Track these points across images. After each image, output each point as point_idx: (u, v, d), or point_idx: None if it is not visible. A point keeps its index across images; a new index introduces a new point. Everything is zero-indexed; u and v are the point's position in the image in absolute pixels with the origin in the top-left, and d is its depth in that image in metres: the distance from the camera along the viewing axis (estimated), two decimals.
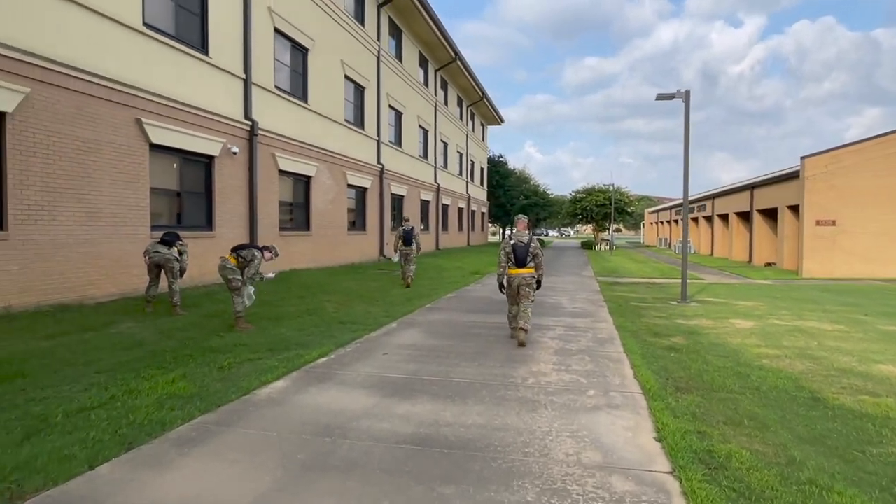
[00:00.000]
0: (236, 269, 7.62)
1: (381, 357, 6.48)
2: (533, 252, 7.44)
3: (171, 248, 8.42)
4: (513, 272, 7.46)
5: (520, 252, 7.40)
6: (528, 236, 7.51)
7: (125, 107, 9.18)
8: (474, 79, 33.54)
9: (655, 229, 55.99)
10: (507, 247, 7.50)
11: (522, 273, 7.40)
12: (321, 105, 16.23)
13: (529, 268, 7.42)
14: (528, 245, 7.42)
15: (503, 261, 7.54)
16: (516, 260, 7.42)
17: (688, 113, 11.65)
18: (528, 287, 7.37)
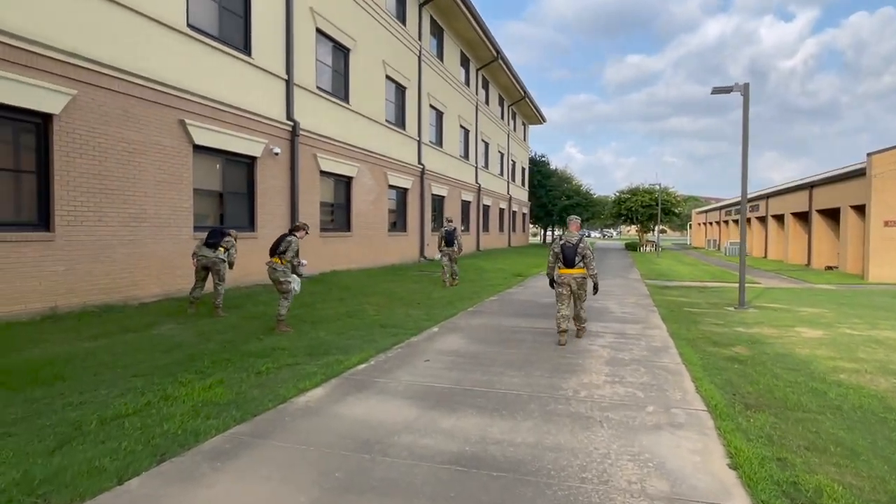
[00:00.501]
0: (286, 269, 7.58)
1: (422, 364, 6.20)
2: (581, 252, 7.41)
3: (216, 251, 8.37)
4: (562, 272, 7.50)
5: (568, 252, 7.42)
6: (577, 237, 7.53)
7: (169, 108, 9.21)
8: (516, 77, 33.06)
9: (704, 230, 54.14)
10: (556, 247, 7.54)
11: (572, 273, 7.42)
12: (362, 105, 16.14)
13: (579, 268, 7.42)
14: (576, 246, 7.42)
15: (552, 260, 7.66)
16: (564, 260, 7.45)
17: (747, 106, 10.97)
18: (581, 289, 7.49)
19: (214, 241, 8.43)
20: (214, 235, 8.51)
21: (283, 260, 7.55)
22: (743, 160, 11.08)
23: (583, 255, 7.39)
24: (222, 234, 8.61)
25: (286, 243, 7.59)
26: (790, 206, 26.71)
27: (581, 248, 7.40)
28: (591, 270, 7.43)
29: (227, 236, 8.59)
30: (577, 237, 7.53)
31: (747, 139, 11.00)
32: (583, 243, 7.46)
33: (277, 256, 7.56)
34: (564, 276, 7.45)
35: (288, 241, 7.61)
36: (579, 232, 7.68)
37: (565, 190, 47.35)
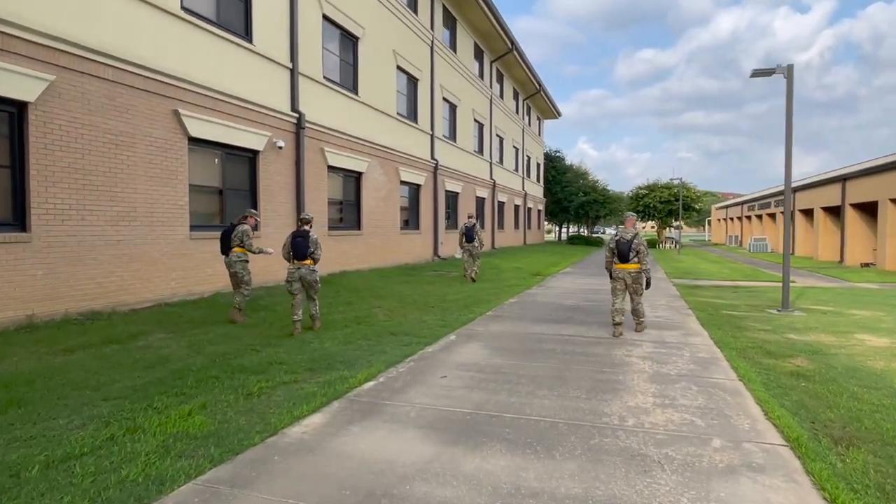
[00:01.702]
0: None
1: (438, 381, 5.40)
2: (636, 248, 7.59)
3: (229, 254, 7.82)
4: (618, 266, 7.74)
5: (622, 248, 7.63)
6: (632, 233, 7.68)
7: (161, 97, 8.49)
8: (531, 70, 32.12)
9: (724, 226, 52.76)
10: (612, 242, 7.80)
11: (627, 268, 7.65)
12: (372, 97, 15.36)
13: (633, 263, 7.62)
14: (630, 241, 7.60)
15: (608, 255, 7.92)
16: (619, 255, 7.68)
17: (791, 90, 10.01)
18: (636, 283, 7.65)
19: (226, 243, 7.90)
20: (225, 239, 7.92)
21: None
22: (787, 147, 10.13)
23: (637, 250, 7.57)
24: (233, 228, 7.93)
25: (238, 231, 7.79)
26: (820, 201, 25.50)
27: (635, 244, 7.58)
28: (644, 265, 7.60)
29: (238, 226, 7.90)
30: (632, 233, 7.66)
31: (791, 125, 10.05)
32: (637, 239, 7.62)
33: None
34: (619, 270, 7.70)
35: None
36: (634, 228, 7.80)
37: (581, 186, 46.30)
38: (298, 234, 7.49)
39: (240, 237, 7.80)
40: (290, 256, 7.47)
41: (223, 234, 7.99)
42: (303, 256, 7.37)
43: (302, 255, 7.37)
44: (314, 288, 7.54)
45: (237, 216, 8.37)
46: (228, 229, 7.97)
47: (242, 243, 7.86)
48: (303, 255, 7.37)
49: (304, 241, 7.40)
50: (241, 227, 7.86)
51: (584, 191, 45.93)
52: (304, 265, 7.39)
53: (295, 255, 7.40)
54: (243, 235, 7.82)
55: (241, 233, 7.81)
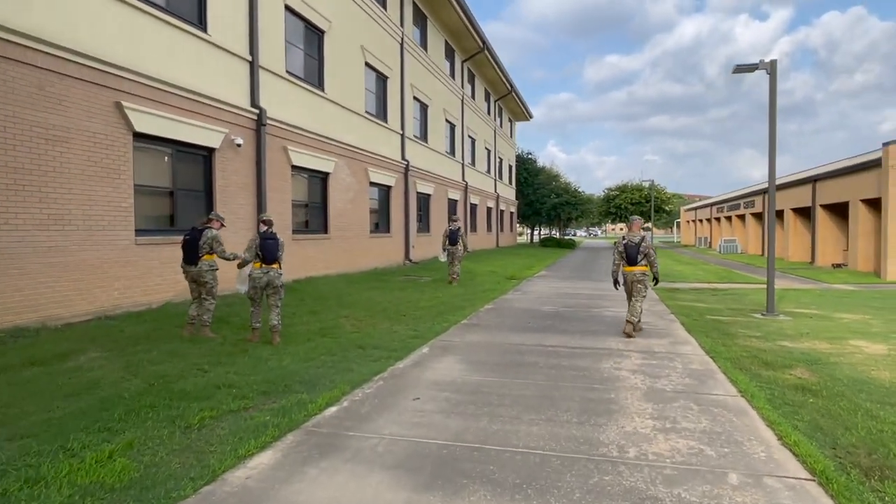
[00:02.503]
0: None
1: (411, 404, 4.76)
2: (644, 251, 7.78)
3: (197, 265, 6.98)
4: (626, 269, 7.93)
5: (631, 251, 7.82)
6: (639, 237, 7.85)
7: (101, 87, 7.66)
8: (502, 71, 31.73)
9: (693, 228, 53.35)
10: (620, 246, 7.97)
11: (634, 270, 7.83)
12: (339, 94, 14.63)
13: (642, 265, 7.82)
14: (638, 245, 7.78)
15: (616, 259, 8.07)
16: (628, 258, 7.87)
17: (774, 86, 9.70)
18: (639, 284, 7.81)
19: (192, 252, 7.01)
20: (191, 247, 7.02)
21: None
22: (770, 143, 9.82)
23: (645, 253, 7.78)
24: (200, 234, 7.04)
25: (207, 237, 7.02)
26: (790, 202, 25.68)
27: (643, 247, 7.77)
28: (654, 267, 7.93)
29: (205, 231, 7.06)
30: (639, 237, 7.84)
31: (775, 121, 9.73)
32: (645, 242, 7.79)
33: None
34: (627, 273, 7.91)
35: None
36: (640, 232, 7.94)
37: (553, 188, 46.16)
38: (267, 235, 6.96)
39: (210, 244, 7.05)
40: (256, 259, 6.92)
41: (188, 241, 7.07)
42: (273, 259, 6.94)
43: (272, 259, 6.93)
44: (279, 294, 7.03)
45: (199, 220, 7.48)
46: (194, 235, 7.08)
47: (213, 250, 7.09)
48: (273, 258, 6.93)
49: (274, 242, 6.95)
50: (210, 233, 7.08)
51: (557, 193, 45.78)
52: (272, 269, 6.93)
53: (264, 259, 6.90)
54: (213, 242, 7.07)
55: (212, 239, 7.06)
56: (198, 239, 7.06)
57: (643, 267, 7.80)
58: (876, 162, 17.38)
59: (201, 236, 7.07)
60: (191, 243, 7.06)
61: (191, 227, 7.39)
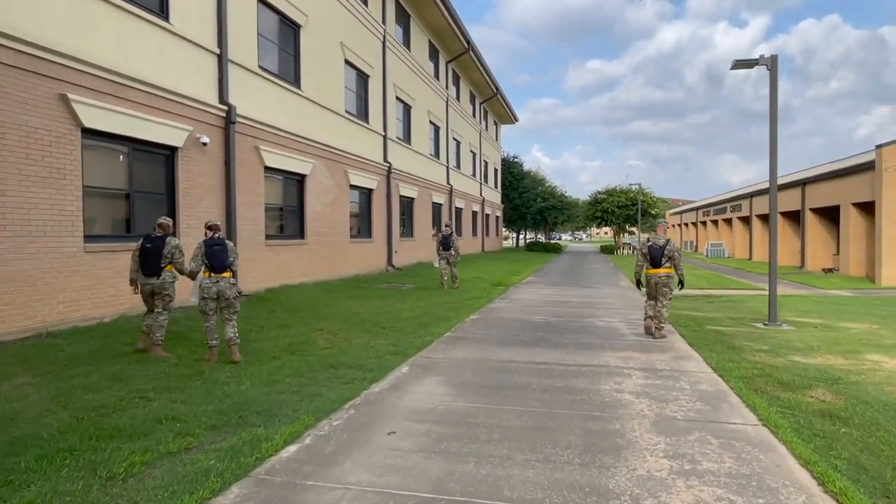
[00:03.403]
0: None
1: (385, 440, 4.07)
2: (668, 254, 7.91)
3: (160, 276, 6.42)
4: (650, 272, 8.07)
5: (655, 254, 7.95)
6: (663, 240, 8.02)
7: (42, 77, 6.87)
8: (488, 72, 31.17)
9: (679, 232, 53.26)
10: (644, 248, 8.12)
11: (658, 273, 7.95)
12: (317, 93, 13.90)
13: (666, 268, 7.94)
14: (663, 248, 7.93)
15: (640, 260, 8.33)
16: (652, 261, 8.00)
17: (775, 82, 9.19)
18: (665, 287, 7.90)
19: (155, 262, 6.38)
20: (154, 256, 6.39)
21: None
22: (771, 142, 9.32)
23: (670, 256, 7.91)
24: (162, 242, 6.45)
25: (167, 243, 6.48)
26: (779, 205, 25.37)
27: (668, 250, 7.91)
28: (678, 270, 8.05)
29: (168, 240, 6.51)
30: (664, 240, 8.01)
31: (776, 118, 9.23)
32: (670, 245, 7.95)
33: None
34: (651, 276, 8.03)
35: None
36: (665, 235, 8.15)
37: (539, 192, 45.75)
38: (213, 241, 6.41)
39: (173, 253, 6.50)
40: (203, 269, 6.36)
41: (150, 250, 6.39)
42: (221, 268, 6.34)
43: (221, 267, 6.34)
44: (234, 306, 6.41)
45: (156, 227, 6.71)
46: (156, 244, 6.43)
47: (173, 261, 6.51)
48: (222, 266, 6.34)
49: (221, 249, 6.37)
50: (173, 241, 6.57)
51: (542, 196, 45.37)
52: (222, 278, 6.34)
53: (212, 267, 6.32)
54: (176, 251, 6.55)
55: (175, 248, 6.54)
56: (161, 248, 6.43)
57: (667, 269, 7.92)
58: (868, 164, 17.05)
59: (164, 245, 6.45)
60: (153, 252, 6.41)
61: (144, 234, 6.68)
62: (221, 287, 6.31)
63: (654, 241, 8.03)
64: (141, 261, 6.40)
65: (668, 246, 7.92)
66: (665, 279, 7.89)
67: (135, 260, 6.43)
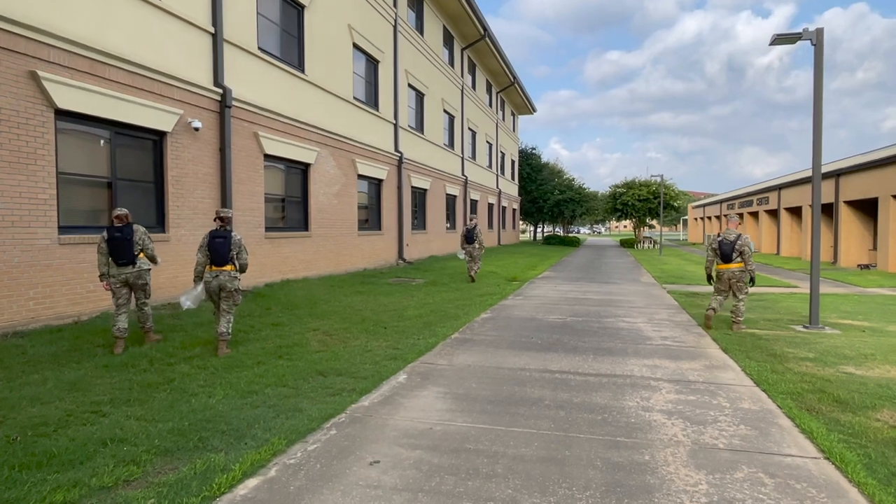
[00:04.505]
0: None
1: (365, 473, 3.37)
2: (739, 249, 7.81)
3: (136, 265, 6.09)
4: (720, 267, 8.02)
5: (725, 248, 7.88)
6: (734, 234, 7.91)
7: (8, 53, 6.28)
8: (505, 60, 30.25)
9: (701, 225, 51.82)
10: (714, 243, 8.09)
11: (730, 268, 7.93)
12: (323, 77, 13.22)
13: (736, 263, 7.87)
14: (734, 242, 7.84)
15: (710, 255, 8.27)
16: (722, 256, 7.94)
17: (820, 59, 8.27)
18: (739, 282, 7.91)
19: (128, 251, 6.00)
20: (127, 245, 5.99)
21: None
22: (815, 124, 8.39)
23: (741, 251, 7.81)
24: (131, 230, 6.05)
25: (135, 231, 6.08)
26: (809, 198, 24.18)
27: (739, 245, 7.81)
28: (749, 265, 7.84)
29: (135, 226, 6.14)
30: (735, 234, 7.91)
31: (821, 98, 8.30)
32: (741, 240, 7.84)
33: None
34: (722, 271, 8.00)
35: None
36: (736, 229, 8.02)
37: (557, 184, 44.72)
38: (217, 234, 6.20)
39: (143, 240, 6.15)
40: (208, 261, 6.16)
41: (121, 240, 5.95)
42: (223, 261, 6.15)
43: (222, 260, 6.15)
44: (233, 298, 6.22)
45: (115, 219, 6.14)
46: (125, 232, 6.00)
47: (145, 248, 6.18)
48: (223, 259, 6.15)
49: (223, 241, 6.16)
50: (142, 228, 6.22)
51: (560, 189, 44.35)
52: (223, 271, 6.15)
53: (214, 260, 6.14)
54: (146, 237, 6.22)
55: (144, 234, 6.20)
56: (131, 235, 6.01)
57: (738, 264, 7.86)
58: None
59: (133, 232, 6.03)
60: (124, 241, 5.97)
61: (106, 227, 6.23)
62: (222, 281, 6.12)
63: (724, 236, 7.96)
64: (112, 251, 5.96)
65: (740, 240, 7.82)
66: (737, 274, 7.87)
67: (102, 252, 5.99)
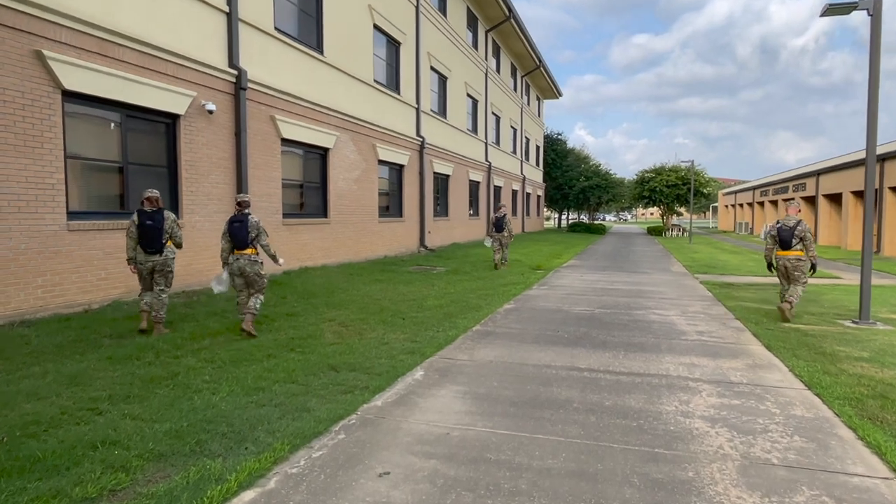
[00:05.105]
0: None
1: (372, 488, 3.02)
2: (800, 235, 7.66)
3: (163, 253, 6.05)
4: (780, 254, 7.89)
5: (784, 235, 7.73)
6: (794, 220, 7.76)
7: (12, 30, 6.03)
8: (530, 43, 29.47)
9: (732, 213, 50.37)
10: (773, 230, 7.97)
11: (788, 255, 7.78)
12: (342, 59, 12.84)
13: (796, 250, 7.72)
14: (793, 229, 7.69)
15: (769, 243, 8.12)
16: (781, 243, 7.80)
17: (878, 29, 7.58)
18: (796, 271, 7.73)
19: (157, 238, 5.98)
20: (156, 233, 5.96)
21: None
22: (870, 99, 7.74)
23: (801, 237, 7.67)
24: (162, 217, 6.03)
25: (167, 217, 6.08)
26: (850, 184, 23.09)
27: (799, 231, 7.67)
28: (809, 252, 7.71)
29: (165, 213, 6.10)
30: (794, 220, 7.77)
31: (877, 71, 7.64)
32: (801, 226, 7.69)
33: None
34: (781, 258, 7.88)
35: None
36: (796, 216, 7.87)
37: (583, 170, 43.80)
38: (235, 218, 6.30)
39: (172, 228, 6.14)
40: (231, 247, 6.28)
41: (152, 227, 5.96)
42: (242, 245, 6.23)
43: (241, 244, 6.23)
44: (255, 284, 6.37)
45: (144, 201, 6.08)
46: (156, 219, 6.00)
47: (173, 236, 6.16)
48: (242, 243, 6.23)
49: (240, 226, 6.23)
50: (171, 215, 6.17)
51: (586, 175, 43.43)
52: (243, 255, 6.26)
53: (234, 245, 6.25)
54: (175, 225, 6.20)
55: (174, 222, 6.18)
56: (162, 223, 6.00)
57: (798, 252, 7.71)
58: None
59: (164, 220, 6.02)
60: (155, 228, 5.96)
61: (137, 210, 6.05)
62: (241, 265, 6.25)
63: (783, 222, 7.84)
64: (141, 237, 5.93)
65: (799, 227, 7.67)
66: (795, 262, 7.72)
67: (131, 237, 5.97)
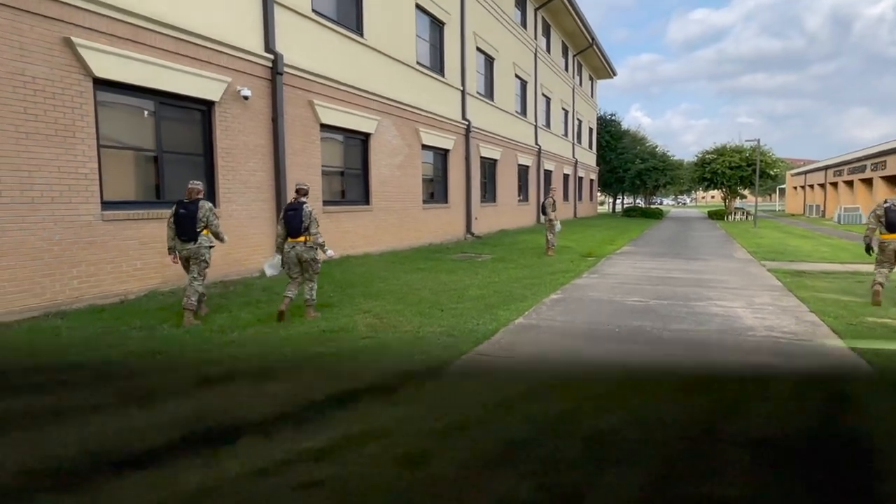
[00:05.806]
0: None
1: None
2: None
3: (197, 241, 5.99)
4: (885, 237, 7.48)
5: (892, 216, 7.32)
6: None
7: (41, 17, 5.95)
8: (582, 20, 28.27)
9: (802, 195, 47.35)
10: (879, 210, 7.52)
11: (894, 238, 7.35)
12: (383, 41, 12.47)
13: None
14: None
15: (872, 223, 7.69)
16: (888, 225, 7.38)
17: None
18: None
19: (191, 226, 5.94)
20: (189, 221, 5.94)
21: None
22: None
23: None
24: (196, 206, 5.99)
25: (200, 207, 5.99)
26: None
27: None
28: None
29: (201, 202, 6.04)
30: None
31: None
32: None
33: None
34: (887, 241, 7.49)
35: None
36: None
37: (639, 152, 42.08)
38: (291, 206, 6.43)
39: (207, 217, 6.06)
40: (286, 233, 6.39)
41: (185, 216, 5.96)
42: (296, 233, 6.34)
43: (295, 232, 6.33)
44: (311, 269, 6.50)
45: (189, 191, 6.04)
46: (189, 208, 5.98)
47: (209, 224, 6.08)
48: (296, 231, 6.33)
49: (294, 214, 6.32)
50: (207, 204, 6.10)
51: (642, 157, 41.69)
52: (298, 243, 6.37)
53: (289, 232, 6.36)
54: (210, 214, 6.11)
55: (209, 211, 6.11)
56: (196, 212, 5.95)
57: None
58: None
59: (198, 208, 5.96)
60: (188, 217, 5.93)
61: (177, 200, 6.09)
62: (298, 251, 6.38)
63: (892, 202, 7.44)
64: (177, 226, 5.94)
65: None
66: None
67: (170, 227, 6.00)
